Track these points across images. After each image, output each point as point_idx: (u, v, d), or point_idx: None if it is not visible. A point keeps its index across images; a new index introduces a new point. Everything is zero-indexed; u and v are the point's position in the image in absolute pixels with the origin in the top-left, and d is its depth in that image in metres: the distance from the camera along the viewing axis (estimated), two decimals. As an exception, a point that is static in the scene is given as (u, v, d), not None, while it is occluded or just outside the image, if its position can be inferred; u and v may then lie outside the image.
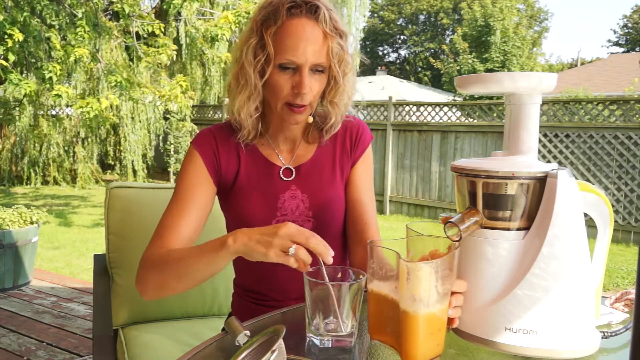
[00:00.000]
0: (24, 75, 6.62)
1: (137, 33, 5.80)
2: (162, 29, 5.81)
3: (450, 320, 0.81)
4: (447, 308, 0.79)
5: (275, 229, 0.83)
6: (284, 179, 1.13)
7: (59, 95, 4.99)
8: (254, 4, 5.17)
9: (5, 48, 4.80)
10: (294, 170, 1.14)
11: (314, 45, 1.00)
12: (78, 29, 5.16)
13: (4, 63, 4.88)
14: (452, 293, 0.80)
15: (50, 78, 5.04)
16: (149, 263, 1.00)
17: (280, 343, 0.68)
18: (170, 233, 1.03)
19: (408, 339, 0.76)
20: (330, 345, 0.81)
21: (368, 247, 0.83)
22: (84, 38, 5.19)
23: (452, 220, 0.79)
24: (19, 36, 4.80)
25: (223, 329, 1.07)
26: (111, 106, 5.23)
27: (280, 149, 1.16)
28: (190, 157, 1.11)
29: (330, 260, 0.82)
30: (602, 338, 0.81)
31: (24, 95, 5.30)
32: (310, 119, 1.12)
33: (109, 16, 6.72)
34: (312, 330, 0.82)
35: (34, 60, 6.56)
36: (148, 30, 5.70)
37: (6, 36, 4.76)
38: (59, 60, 5.23)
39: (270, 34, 1.01)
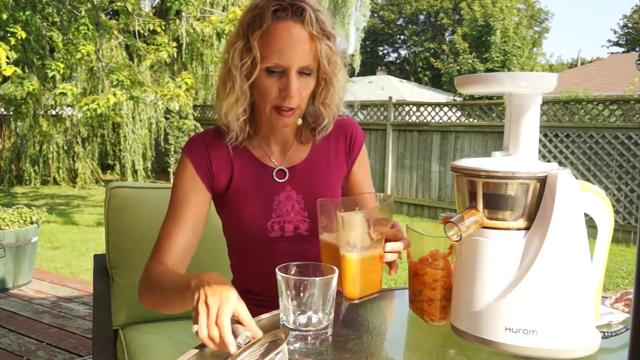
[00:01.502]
0: (25, 73, 6.62)
1: (137, 32, 5.80)
2: (163, 27, 5.81)
3: (390, 264, 0.94)
4: (381, 252, 0.91)
5: (219, 289, 0.78)
6: (278, 180, 1.13)
7: (64, 94, 4.98)
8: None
9: (8, 47, 4.79)
10: (287, 171, 1.15)
11: (300, 48, 1.00)
12: (81, 27, 5.15)
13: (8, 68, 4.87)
14: (387, 240, 0.92)
15: (53, 77, 5.03)
16: (145, 280, 1.02)
17: (283, 347, 0.69)
18: (166, 246, 1.04)
19: (347, 279, 0.88)
20: (312, 340, 0.83)
21: (317, 205, 0.93)
22: (86, 35, 5.18)
23: (452, 220, 0.79)
24: (22, 34, 4.78)
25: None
26: (115, 104, 5.21)
27: (271, 151, 1.16)
28: (182, 166, 1.11)
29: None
30: (602, 338, 0.81)
31: (27, 94, 5.29)
32: (300, 121, 1.13)
33: (109, 16, 6.72)
34: (291, 329, 0.82)
35: (36, 58, 6.55)
36: (149, 29, 5.69)
37: (9, 35, 4.75)
38: (62, 59, 5.22)
39: (256, 38, 1.00)
